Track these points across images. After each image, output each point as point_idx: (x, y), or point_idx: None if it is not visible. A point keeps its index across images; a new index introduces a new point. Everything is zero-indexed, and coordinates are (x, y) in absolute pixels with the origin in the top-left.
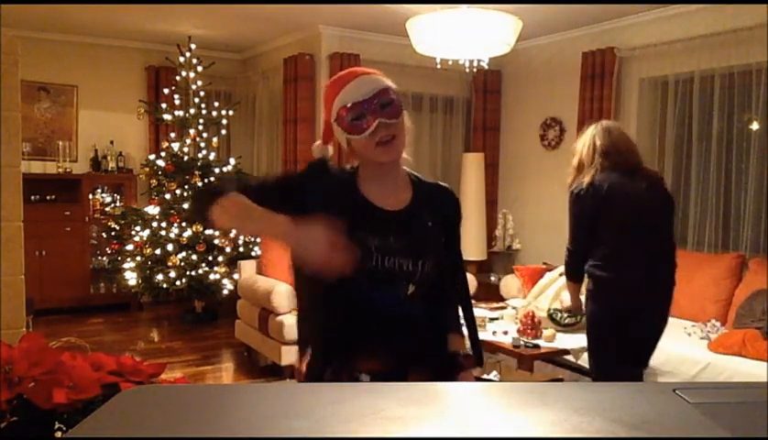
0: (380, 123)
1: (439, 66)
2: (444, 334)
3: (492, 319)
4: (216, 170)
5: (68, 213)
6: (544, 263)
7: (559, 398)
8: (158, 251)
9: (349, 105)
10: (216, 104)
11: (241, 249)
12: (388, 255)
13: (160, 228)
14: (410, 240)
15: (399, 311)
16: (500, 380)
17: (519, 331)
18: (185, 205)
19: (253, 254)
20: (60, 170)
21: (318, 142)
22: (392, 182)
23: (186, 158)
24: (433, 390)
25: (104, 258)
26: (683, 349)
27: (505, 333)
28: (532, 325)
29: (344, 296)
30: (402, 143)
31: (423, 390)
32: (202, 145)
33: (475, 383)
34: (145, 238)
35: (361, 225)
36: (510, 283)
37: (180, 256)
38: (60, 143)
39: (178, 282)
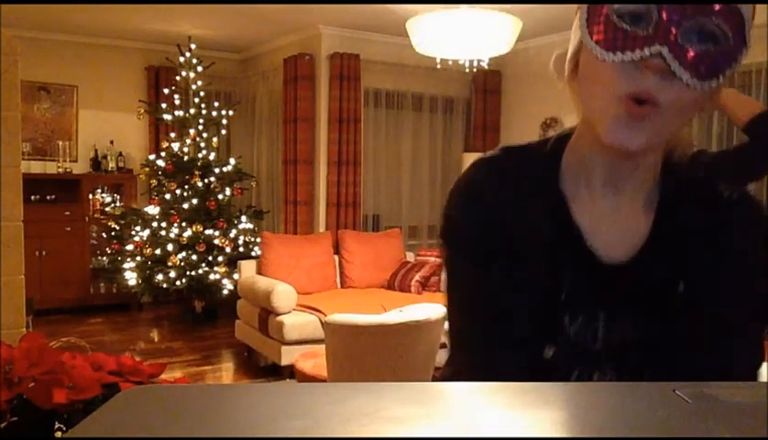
0: (660, 59)
1: (439, 66)
2: None
3: None
4: (216, 170)
5: (68, 213)
6: None
7: (559, 398)
8: (158, 251)
9: None
10: (216, 104)
11: (241, 249)
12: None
13: (160, 228)
14: (644, 333)
15: None
16: None
17: None
18: (185, 205)
19: (253, 254)
20: (60, 170)
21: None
22: (629, 194)
23: (186, 158)
24: (433, 390)
25: (104, 258)
26: None
27: None
28: None
29: None
30: (669, 126)
31: (423, 390)
32: (203, 145)
33: (474, 383)
34: (145, 238)
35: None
36: None
37: (180, 256)
38: (60, 143)
39: (178, 282)
